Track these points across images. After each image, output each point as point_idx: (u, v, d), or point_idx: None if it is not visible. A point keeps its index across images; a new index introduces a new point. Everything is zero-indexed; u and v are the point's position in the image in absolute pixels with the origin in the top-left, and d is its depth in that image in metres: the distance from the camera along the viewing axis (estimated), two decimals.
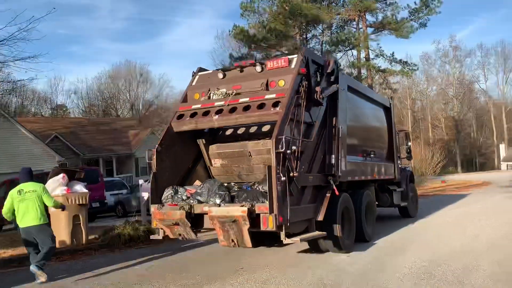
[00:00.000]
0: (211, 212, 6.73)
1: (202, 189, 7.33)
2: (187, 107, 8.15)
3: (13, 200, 6.93)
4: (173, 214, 7.07)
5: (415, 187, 14.66)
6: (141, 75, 54.47)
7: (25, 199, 6.88)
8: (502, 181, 36.06)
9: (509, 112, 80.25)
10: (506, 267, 6.76)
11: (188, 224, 7.03)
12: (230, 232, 6.65)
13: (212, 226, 6.95)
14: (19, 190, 6.96)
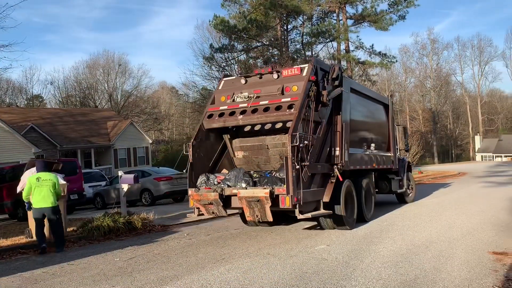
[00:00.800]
0: (240, 194, 8.13)
1: (230, 176, 8.86)
2: (216, 108, 9.59)
3: (32, 185, 8.54)
4: (208, 195, 8.49)
5: (412, 176, 15.84)
6: (119, 65, 53.59)
7: (42, 185, 8.56)
8: (477, 171, 36.97)
9: (484, 105, 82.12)
10: (479, 255, 6.96)
11: (220, 203, 8.45)
12: (255, 209, 8.05)
13: (239, 205, 8.31)
14: (37, 177, 8.60)
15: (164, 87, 71.18)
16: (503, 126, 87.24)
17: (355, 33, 33.60)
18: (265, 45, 33.76)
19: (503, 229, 9.13)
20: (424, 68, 79.42)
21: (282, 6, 28.46)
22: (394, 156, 13.75)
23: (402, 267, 6.33)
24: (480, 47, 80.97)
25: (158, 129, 58.32)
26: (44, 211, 8.58)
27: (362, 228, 9.83)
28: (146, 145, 36.11)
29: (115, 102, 51.64)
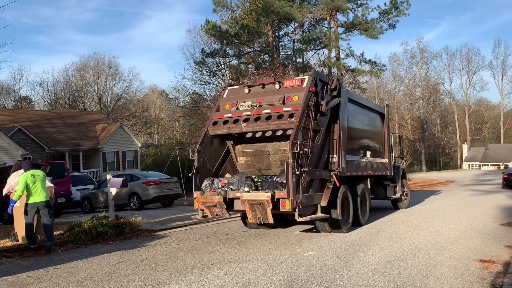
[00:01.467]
0: (243, 197, 8.49)
1: (233, 180, 9.28)
2: (220, 115, 10.02)
3: (27, 181, 8.61)
4: (213, 198, 8.89)
5: (407, 182, 16.26)
6: (110, 68, 53.29)
7: (37, 181, 8.74)
8: (464, 180, 37.36)
9: (471, 114, 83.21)
10: (466, 263, 7.02)
11: (224, 206, 8.84)
12: (257, 211, 8.39)
13: (242, 208, 8.66)
14: (32, 174, 8.74)
15: (154, 90, 70.99)
16: (490, 135, 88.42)
17: (346, 40, 33.92)
18: (256, 51, 33.85)
19: (490, 237, 9.23)
20: (413, 76, 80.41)
21: (274, 12, 28.60)
22: (390, 163, 14.25)
23: (391, 274, 6.36)
24: (468, 57, 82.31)
25: (147, 133, 58.03)
26: (39, 205, 8.74)
27: (351, 234, 9.87)
28: (135, 148, 35.88)
29: (104, 105, 51.29)
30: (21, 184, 8.62)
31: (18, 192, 8.65)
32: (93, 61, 54.88)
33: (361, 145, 12.16)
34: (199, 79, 35.18)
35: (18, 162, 10.79)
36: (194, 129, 38.84)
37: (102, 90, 52.52)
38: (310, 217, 8.94)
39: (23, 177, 8.67)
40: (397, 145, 16.42)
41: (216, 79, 34.66)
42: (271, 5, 27.92)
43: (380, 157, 13.82)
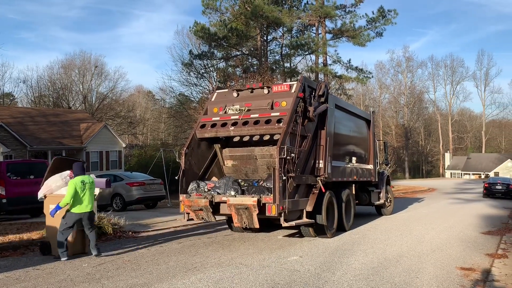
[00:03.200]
0: (229, 201, 8.51)
1: (220, 183, 9.26)
2: (208, 119, 10.00)
3: (76, 188, 7.87)
4: (199, 201, 8.90)
5: (391, 189, 16.43)
6: (95, 67, 52.69)
7: (86, 189, 8.02)
8: (446, 188, 37.90)
9: (454, 123, 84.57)
10: (448, 270, 7.10)
11: (210, 210, 8.86)
12: (243, 216, 8.39)
13: (228, 212, 8.67)
14: (82, 180, 8.00)
15: (140, 91, 70.43)
16: (471, 144, 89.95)
17: (333, 47, 34.12)
18: (244, 54, 33.87)
19: (470, 245, 9.36)
20: (398, 84, 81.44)
21: (263, 16, 28.66)
22: (374, 170, 14.42)
23: (373, 280, 6.39)
24: (452, 67, 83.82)
25: (132, 133, 57.47)
26: (83, 216, 7.97)
27: (334, 239, 9.90)
28: (120, 149, 35.50)
29: (89, 104, 50.66)
30: (70, 191, 7.84)
31: (66, 200, 7.82)
32: (79, 59, 54.23)
33: (347, 151, 12.26)
34: (186, 81, 35.07)
35: (56, 159, 9.27)
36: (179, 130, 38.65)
37: (87, 88, 51.88)
38: (296, 222, 8.97)
39: (72, 184, 7.89)
40: (382, 152, 16.58)
41: (203, 81, 34.61)
42: (260, 9, 27.98)
43: (365, 163, 13.96)
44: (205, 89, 33.60)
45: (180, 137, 37.79)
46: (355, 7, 31.88)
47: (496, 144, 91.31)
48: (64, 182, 8.45)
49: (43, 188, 8.60)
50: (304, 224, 9.48)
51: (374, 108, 76.94)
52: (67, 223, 7.92)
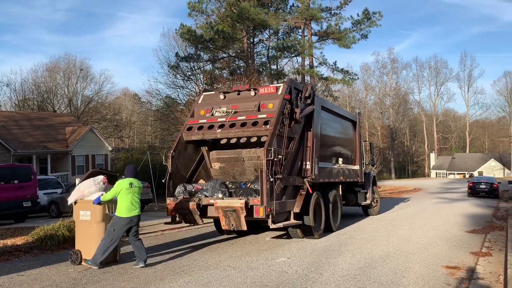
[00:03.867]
0: (217, 204, 8.51)
1: (207, 186, 9.21)
2: (195, 121, 10.00)
3: (122, 190, 7.50)
4: (186, 204, 8.87)
5: (377, 189, 16.57)
6: (81, 70, 52.13)
7: (133, 192, 7.66)
8: (431, 188, 38.34)
9: (439, 123, 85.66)
10: (434, 269, 7.19)
11: (197, 213, 8.85)
12: (230, 218, 8.40)
13: (216, 215, 8.64)
14: (130, 183, 7.65)
15: (126, 93, 69.86)
16: (456, 144, 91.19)
17: (319, 49, 34.30)
18: (231, 56, 33.83)
19: (455, 244, 9.49)
20: (383, 86, 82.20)
21: (249, 19, 28.68)
22: (361, 170, 14.55)
23: (360, 280, 6.44)
24: (436, 69, 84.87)
25: (118, 136, 56.97)
26: (131, 220, 7.57)
27: (322, 240, 9.95)
28: (106, 152, 35.19)
29: (75, 108, 50.09)
30: (115, 189, 7.53)
31: (108, 196, 7.56)
32: (63, 62, 53.59)
33: (333, 152, 12.34)
34: (172, 83, 34.86)
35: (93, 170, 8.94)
36: (166, 133, 38.39)
37: (72, 92, 51.30)
38: (283, 223, 9.01)
39: (119, 184, 7.60)
40: (368, 153, 16.73)
41: (190, 83, 34.45)
42: (246, 11, 28.00)
43: (352, 164, 14.06)
44: (192, 92, 33.47)
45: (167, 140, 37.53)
46: (340, 9, 32.15)
47: (480, 144, 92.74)
48: (97, 187, 8.02)
49: (75, 193, 8.09)
50: (291, 225, 9.52)
51: (360, 110, 77.61)
52: (115, 230, 7.43)
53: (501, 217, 14.95)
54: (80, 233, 7.90)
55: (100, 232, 7.67)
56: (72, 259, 7.75)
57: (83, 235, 7.80)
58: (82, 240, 7.80)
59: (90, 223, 7.75)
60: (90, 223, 7.75)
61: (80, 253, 7.72)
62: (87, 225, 7.78)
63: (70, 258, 7.80)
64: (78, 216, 7.89)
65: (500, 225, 12.59)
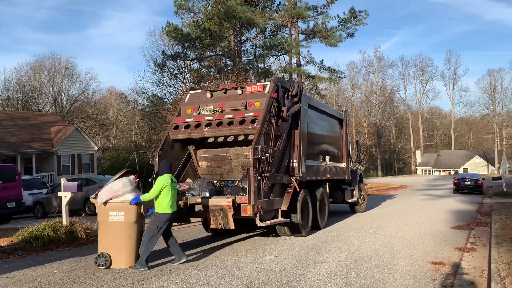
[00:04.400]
0: (204, 202, 8.47)
1: (195, 185, 9.11)
2: (182, 120, 9.93)
3: (166, 186, 7.39)
4: None
5: (364, 187, 16.68)
6: (66, 69, 51.50)
7: (174, 188, 7.63)
8: (417, 184, 38.76)
9: (424, 121, 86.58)
10: (419, 265, 7.27)
11: (185, 212, 8.80)
12: (218, 217, 8.45)
13: (203, 213, 8.62)
14: (171, 178, 7.59)
15: (112, 92, 69.27)
16: (441, 142, 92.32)
17: (306, 48, 34.45)
18: (218, 55, 33.74)
19: (441, 240, 9.61)
20: (370, 84, 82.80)
21: (236, 17, 28.63)
22: (347, 168, 14.65)
23: (347, 277, 6.49)
24: (422, 67, 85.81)
25: (104, 135, 56.48)
26: (173, 215, 7.57)
27: (309, 238, 10.00)
28: (92, 152, 34.85)
29: (60, 107, 49.49)
30: (157, 186, 7.32)
31: (151, 196, 7.32)
32: (48, 61, 52.90)
33: (320, 150, 12.39)
34: (159, 82, 34.61)
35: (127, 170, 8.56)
36: (153, 132, 38.11)
37: (57, 91, 50.68)
38: (271, 221, 9.03)
39: (161, 180, 7.39)
40: (355, 150, 16.85)
41: (177, 82, 34.25)
42: (233, 10, 27.94)
43: (339, 161, 14.15)
44: (179, 90, 33.28)
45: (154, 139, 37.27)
46: (327, 8, 32.28)
47: (465, 141, 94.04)
48: (132, 187, 7.70)
49: (105, 194, 7.56)
50: (279, 223, 9.54)
51: (347, 108, 78.11)
52: (158, 227, 7.32)
53: (485, 213, 15.18)
54: (108, 235, 7.44)
55: (133, 233, 7.42)
56: (99, 262, 7.36)
57: (113, 237, 7.39)
58: (111, 242, 7.37)
59: (123, 224, 7.39)
60: (122, 224, 7.40)
61: (109, 256, 7.36)
62: (118, 226, 7.40)
63: (96, 261, 7.39)
64: (107, 217, 7.44)
65: (484, 221, 12.79)
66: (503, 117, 78.68)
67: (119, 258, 7.34)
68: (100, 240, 7.55)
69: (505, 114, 79.32)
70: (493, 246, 8.16)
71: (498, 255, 7.30)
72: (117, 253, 7.35)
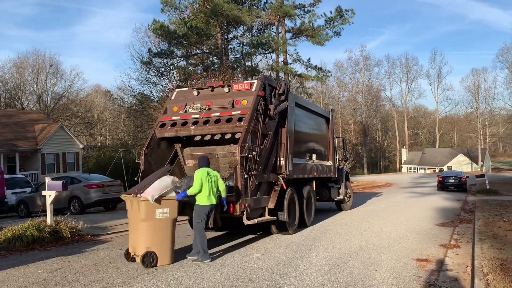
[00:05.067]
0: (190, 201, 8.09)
1: (181, 183, 8.64)
2: (168, 118, 9.84)
3: (202, 180, 7.64)
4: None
5: (350, 184, 16.78)
6: (50, 66, 50.79)
7: (211, 181, 7.77)
8: (403, 182, 39.17)
9: (410, 119, 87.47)
10: (405, 262, 7.36)
11: None
12: None
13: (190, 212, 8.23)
14: (207, 172, 7.79)
15: (98, 90, 68.54)
16: (426, 140, 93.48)
17: (293, 46, 34.44)
18: (205, 52, 33.58)
19: (426, 237, 9.74)
20: (356, 83, 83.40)
21: (223, 15, 28.51)
22: (334, 166, 14.73)
23: (334, 274, 6.53)
24: (407, 66, 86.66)
25: (90, 134, 55.85)
26: (213, 207, 7.80)
27: (296, 235, 10.03)
28: (77, 150, 34.45)
29: (44, 105, 48.80)
30: (197, 180, 7.61)
31: (195, 190, 7.57)
32: (32, 58, 52.17)
33: (307, 148, 12.43)
34: (145, 80, 34.30)
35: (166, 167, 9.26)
36: (139, 130, 37.82)
37: (42, 88, 49.96)
38: (258, 220, 9.03)
39: (199, 174, 7.69)
40: (341, 148, 16.97)
41: (163, 79, 33.99)
42: (220, 7, 27.81)
43: (325, 159, 14.22)
44: (165, 88, 33.05)
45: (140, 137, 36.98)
46: (314, 6, 32.31)
47: (449, 139, 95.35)
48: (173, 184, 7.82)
49: (157, 190, 7.46)
50: (266, 221, 9.56)
51: (333, 106, 78.56)
52: (201, 219, 7.67)
53: (469, 210, 15.42)
54: (155, 233, 7.33)
55: (174, 229, 7.65)
56: (146, 261, 7.20)
57: (160, 235, 7.36)
58: (158, 240, 7.32)
59: (168, 221, 7.47)
60: (168, 221, 7.46)
61: (156, 254, 7.29)
62: (164, 224, 7.41)
63: (143, 261, 7.18)
64: (154, 215, 7.34)
65: (468, 218, 12.98)
66: (486, 115, 79.91)
67: (164, 255, 7.38)
68: (142, 239, 7.31)
69: (488, 113, 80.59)
70: (476, 243, 8.30)
71: (481, 251, 7.42)
72: (163, 251, 7.36)
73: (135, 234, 7.45)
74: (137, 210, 7.35)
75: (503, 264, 6.43)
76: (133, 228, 7.50)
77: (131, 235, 7.59)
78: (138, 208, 7.34)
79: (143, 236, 7.29)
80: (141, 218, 7.30)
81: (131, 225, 7.56)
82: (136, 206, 7.37)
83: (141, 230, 7.31)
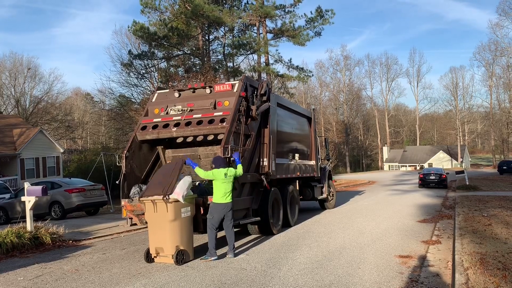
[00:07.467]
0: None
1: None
2: (149, 120, 9.79)
3: (217, 179, 7.85)
4: (141, 206, 8.26)
5: (333, 183, 16.88)
6: (28, 69, 49.93)
7: (229, 181, 7.93)
8: (385, 180, 39.62)
9: (391, 118, 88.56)
10: (387, 259, 7.44)
11: None
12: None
13: None
14: (225, 173, 7.92)
15: (78, 93, 67.69)
16: (407, 138, 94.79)
17: (275, 47, 34.51)
18: (186, 54, 33.42)
19: (408, 234, 9.87)
20: (337, 82, 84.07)
21: (204, 16, 28.41)
22: (317, 165, 14.83)
23: (318, 273, 6.56)
24: (387, 65, 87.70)
25: (70, 137, 55.07)
26: (228, 206, 7.93)
27: (280, 235, 10.05)
28: (57, 154, 33.88)
29: (23, 109, 47.90)
30: (209, 175, 7.93)
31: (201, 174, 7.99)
32: (9, 61, 51.19)
33: (290, 148, 12.48)
34: (126, 82, 33.95)
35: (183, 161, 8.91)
36: (121, 133, 37.41)
37: (20, 92, 49.05)
38: (242, 221, 9.03)
39: (214, 173, 7.93)
40: (323, 148, 17.09)
41: (144, 81, 33.71)
42: (200, 8, 27.70)
43: (308, 159, 14.29)
44: (146, 90, 32.78)
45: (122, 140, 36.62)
46: (294, 7, 32.46)
47: (429, 137, 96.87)
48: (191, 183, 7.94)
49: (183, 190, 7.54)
50: (250, 222, 9.56)
51: (315, 106, 79.02)
52: (213, 216, 7.83)
53: (450, 206, 15.69)
54: (182, 231, 7.57)
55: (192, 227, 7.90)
56: (179, 259, 7.47)
57: (188, 233, 7.72)
58: (186, 238, 7.67)
59: (190, 219, 7.80)
60: (190, 219, 7.78)
61: (186, 252, 7.66)
62: (188, 222, 7.74)
63: (176, 259, 7.41)
64: (180, 214, 7.54)
65: (449, 214, 13.21)
66: (464, 113, 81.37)
67: (190, 252, 7.79)
68: (171, 239, 7.46)
69: (466, 110, 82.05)
70: (456, 238, 8.45)
71: (462, 246, 7.56)
72: (189, 248, 7.76)
73: (161, 235, 7.53)
74: (165, 211, 7.44)
75: (483, 258, 6.57)
76: (157, 229, 7.59)
77: (154, 237, 7.62)
78: (166, 210, 7.44)
79: (171, 235, 7.47)
80: (169, 219, 7.42)
81: (155, 226, 7.61)
82: (164, 207, 7.46)
83: (169, 230, 7.46)
